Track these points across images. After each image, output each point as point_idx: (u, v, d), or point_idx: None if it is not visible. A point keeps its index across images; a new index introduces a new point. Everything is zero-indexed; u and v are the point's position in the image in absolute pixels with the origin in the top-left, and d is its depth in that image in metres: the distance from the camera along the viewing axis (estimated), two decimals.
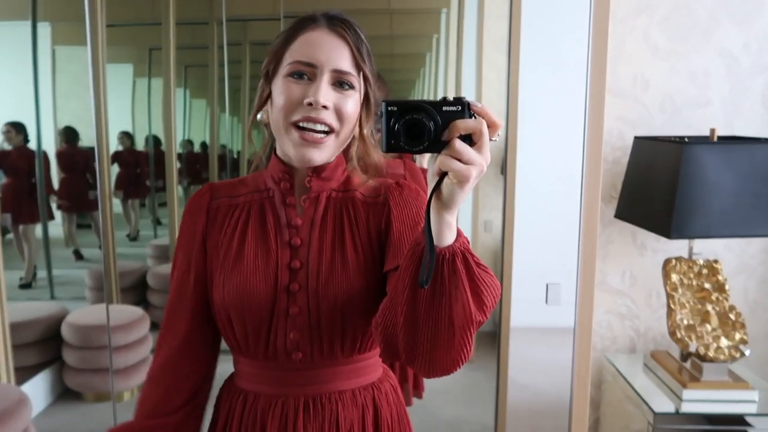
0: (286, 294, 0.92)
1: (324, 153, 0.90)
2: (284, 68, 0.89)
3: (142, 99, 3.19)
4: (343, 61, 0.89)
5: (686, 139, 1.77)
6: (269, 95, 0.93)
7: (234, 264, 0.94)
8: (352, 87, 0.90)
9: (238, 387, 1.01)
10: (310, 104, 0.86)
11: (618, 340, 2.10)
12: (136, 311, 2.79)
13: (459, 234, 0.74)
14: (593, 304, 1.75)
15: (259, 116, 0.96)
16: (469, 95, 2.59)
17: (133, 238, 3.37)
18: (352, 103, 0.91)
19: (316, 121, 0.87)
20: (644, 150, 1.85)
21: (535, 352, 1.84)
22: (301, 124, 0.88)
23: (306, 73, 0.88)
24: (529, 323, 1.83)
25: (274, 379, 0.96)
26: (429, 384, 2.11)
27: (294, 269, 0.93)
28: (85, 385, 2.70)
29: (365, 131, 0.96)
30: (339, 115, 0.89)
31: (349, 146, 0.97)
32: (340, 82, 0.89)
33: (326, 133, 0.89)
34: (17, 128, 3.00)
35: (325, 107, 0.87)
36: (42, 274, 3.19)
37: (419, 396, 1.82)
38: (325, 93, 0.87)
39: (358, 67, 0.91)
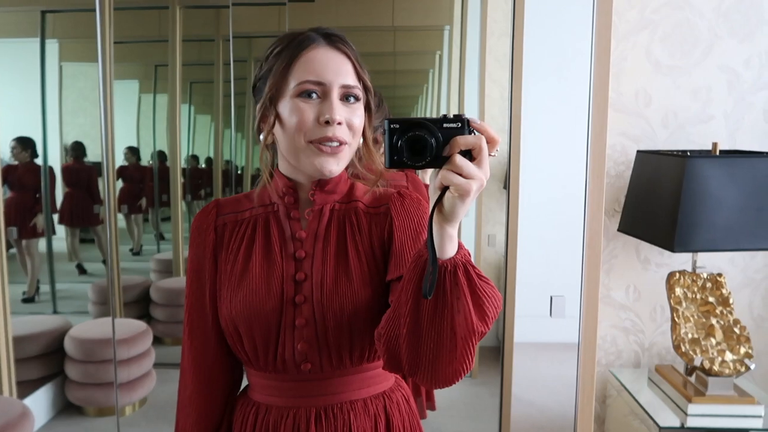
0: (292, 306, 0.94)
1: (340, 164, 0.93)
2: (292, 90, 0.91)
3: (148, 115, 3.21)
4: (348, 75, 0.92)
5: (689, 153, 1.78)
6: (276, 117, 0.94)
7: (240, 278, 0.96)
8: (357, 99, 0.93)
9: (251, 399, 1.02)
10: (327, 122, 0.89)
11: (622, 354, 2.09)
12: (140, 325, 2.79)
13: (460, 246, 0.76)
14: (597, 317, 1.75)
15: (261, 136, 0.98)
16: (471, 111, 2.62)
17: (136, 252, 3.38)
18: (359, 115, 0.94)
19: (332, 139, 0.90)
20: (647, 164, 1.86)
21: (539, 367, 1.83)
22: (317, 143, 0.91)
23: (315, 91, 0.90)
24: (533, 338, 1.83)
25: (284, 391, 0.97)
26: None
27: (299, 281, 0.95)
28: (87, 400, 2.68)
29: (368, 139, 0.98)
30: (350, 128, 0.92)
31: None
32: (346, 96, 0.92)
33: (339, 144, 0.92)
34: (24, 144, 3.02)
35: (339, 123, 0.90)
36: (45, 288, 3.19)
37: (432, 408, 1.82)
38: (339, 109, 0.90)
39: (360, 79, 0.94)
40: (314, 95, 0.90)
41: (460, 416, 2.35)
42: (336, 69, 0.91)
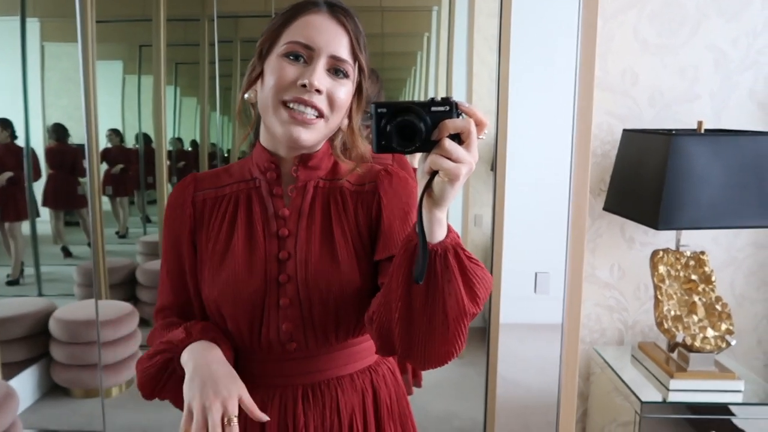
0: (276, 286, 0.92)
1: (312, 135, 0.89)
2: (280, 48, 0.89)
3: (132, 96, 3.17)
4: (342, 48, 0.89)
5: (674, 132, 1.79)
6: (261, 74, 0.92)
7: (222, 258, 0.94)
8: (346, 76, 0.90)
9: None
10: (304, 86, 0.86)
11: (606, 332, 2.11)
12: (126, 306, 2.78)
13: (449, 230, 0.75)
14: (581, 295, 1.77)
15: (246, 95, 0.95)
16: (460, 93, 2.60)
17: (122, 235, 3.35)
18: (345, 91, 0.90)
19: (306, 103, 0.87)
20: (633, 142, 1.87)
21: (525, 348, 1.85)
22: (291, 105, 0.87)
23: (303, 55, 0.88)
24: (519, 319, 1.84)
25: (270, 370, 0.96)
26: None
27: (282, 260, 0.93)
28: (72, 381, 2.68)
29: (354, 123, 0.96)
30: (331, 101, 0.89)
31: (333, 136, 0.97)
32: (335, 70, 0.89)
33: (316, 116, 0.89)
34: (3, 124, 2.98)
35: (318, 91, 0.87)
36: (29, 270, 3.16)
37: (419, 385, 1.84)
38: (321, 77, 0.87)
39: (355, 57, 0.91)
40: (301, 58, 0.88)
41: (447, 395, 2.37)
42: (329, 38, 0.88)
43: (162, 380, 0.91)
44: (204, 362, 0.85)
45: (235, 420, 0.80)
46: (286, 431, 0.94)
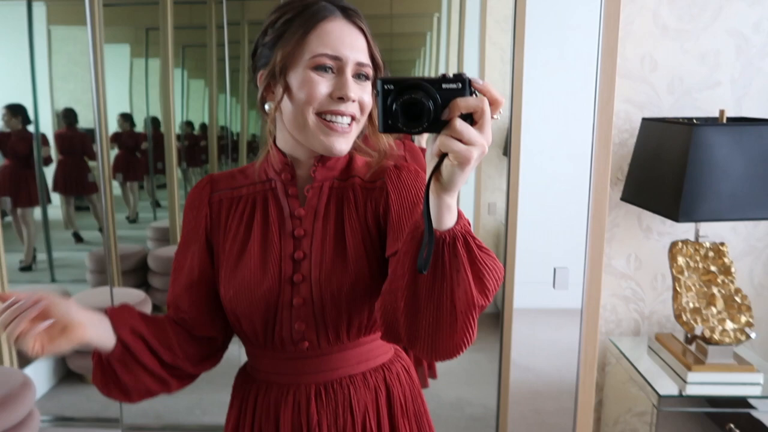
0: (290, 285, 0.93)
1: (349, 142, 0.92)
2: (306, 61, 0.88)
3: (140, 80, 3.15)
4: (363, 53, 0.91)
5: (695, 121, 1.75)
6: (285, 89, 0.91)
7: (238, 259, 0.95)
8: (368, 78, 0.92)
9: (251, 377, 1.03)
10: (341, 98, 0.87)
11: (622, 323, 2.10)
12: (138, 294, 2.79)
13: (460, 216, 0.72)
14: (600, 288, 1.76)
15: (267, 106, 0.95)
16: (471, 75, 2.57)
17: (133, 220, 3.36)
18: (368, 92, 0.92)
19: (344, 114, 0.89)
20: (652, 132, 1.83)
21: (538, 333, 1.85)
22: (327, 117, 0.89)
23: (331, 66, 0.88)
24: (532, 305, 1.83)
25: (284, 368, 0.98)
26: None
27: (297, 260, 0.94)
28: (87, 368, 2.70)
29: (374, 117, 0.96)
30: (361, 106, 0.91)
31: None
32: (358, 74, 0.91)
33: (349, 123, 0.91)
34: (14, 111, 2.96)
35: (353, 101, 0.89)
36: (42, 256, 3.18)
37: (434, 376, 1.84)
38: (353, 87, 0.89)
39: (372, 57, 0.93)
40: (329, 70, 0.88)
41: (459, 382, 2.37)
42: (351, 44, 0.89)
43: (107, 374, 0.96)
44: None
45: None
46: (300, 430, 0.96)
